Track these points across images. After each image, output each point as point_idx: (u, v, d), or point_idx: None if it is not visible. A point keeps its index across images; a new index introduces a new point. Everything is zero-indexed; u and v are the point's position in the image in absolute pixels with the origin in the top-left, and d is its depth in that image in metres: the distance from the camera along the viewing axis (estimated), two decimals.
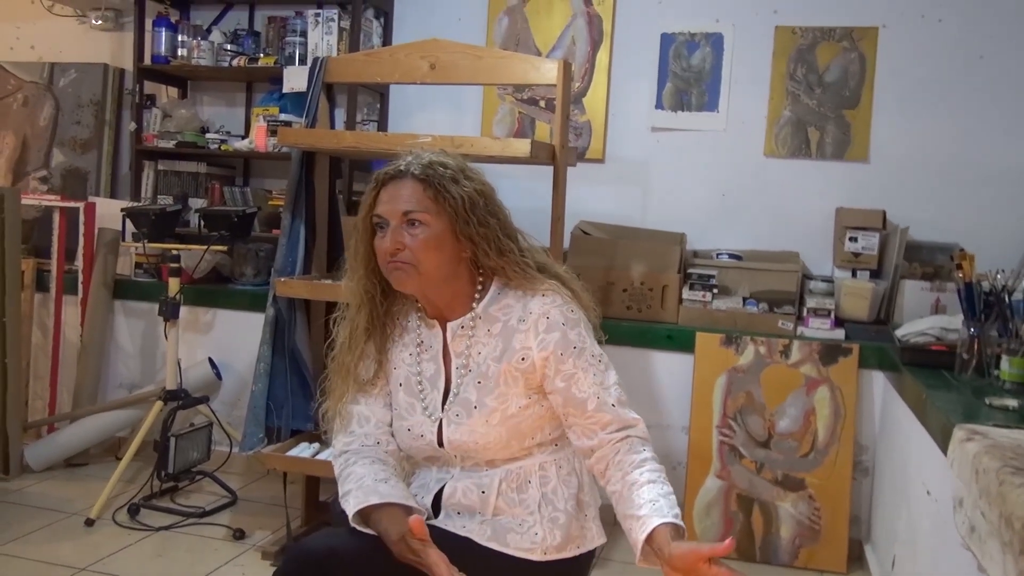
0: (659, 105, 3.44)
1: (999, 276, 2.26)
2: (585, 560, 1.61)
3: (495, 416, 1.53)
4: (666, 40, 3.42)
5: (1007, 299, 2.22)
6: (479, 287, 1.59)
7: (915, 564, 2.22)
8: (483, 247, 1.51)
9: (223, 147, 3.65)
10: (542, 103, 3.57)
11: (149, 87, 3.80)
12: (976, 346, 2.25)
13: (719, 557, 1.30)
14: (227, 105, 3.92)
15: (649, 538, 1.36)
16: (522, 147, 2.45)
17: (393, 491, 1.49)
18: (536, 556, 1.52)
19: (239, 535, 2.92)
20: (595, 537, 1.61)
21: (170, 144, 3.68)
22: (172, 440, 3.08)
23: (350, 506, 1.48)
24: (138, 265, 3.66)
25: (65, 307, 3.60)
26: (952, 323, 2.55)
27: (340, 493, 1.54)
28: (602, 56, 3.49)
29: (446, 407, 1.57)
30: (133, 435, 3.34)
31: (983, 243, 2.96)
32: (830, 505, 2.92)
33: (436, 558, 1.36)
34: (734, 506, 2.99)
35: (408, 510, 1.47)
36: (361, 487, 1.50)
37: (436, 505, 1.59)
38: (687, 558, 1.30)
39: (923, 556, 2.13)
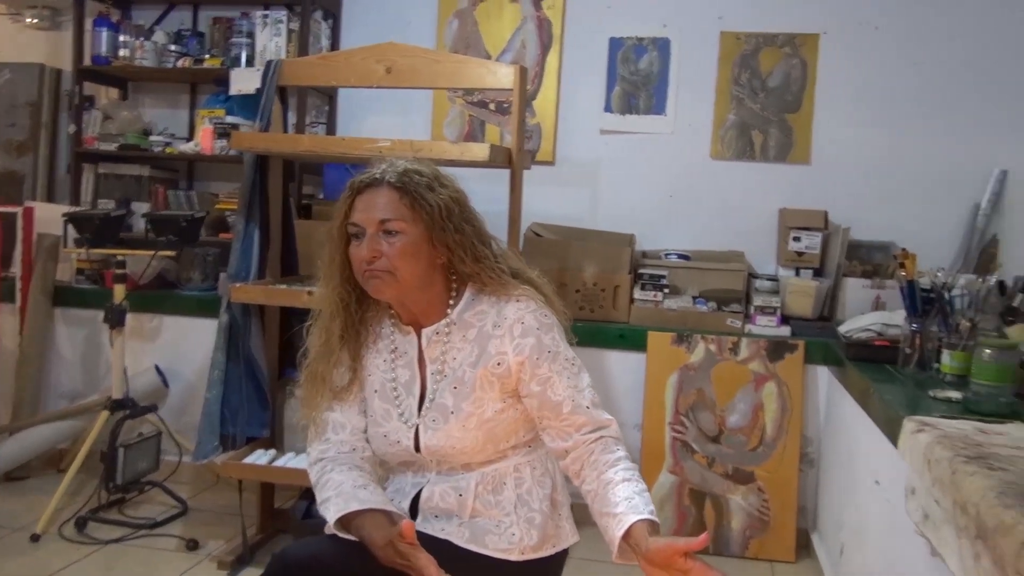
0: (608, 108, 3.50)
1: (939, 274, 2.37)
2: (560, 558, 1.64)
3: (471, 421, 1.55)
4: (614, 44, 3.48)
5: (947, 296, 2.33)
6: (453, 293, 1.60)
7: (864, 551, 2.31)
8: (459, 254, 1.53)
9: (167, 150, 3.58)
10: (492, 106, 3.59)
11: (88, 88, 3.69)
12: (918, 341, 2.35)
13: (695, 551, 1.34)
14: (170, 107, 3.85)
15: (626, 535, 1.39)
16: (481, 151, 2.47)
17: (373, 497, 1.50)
18: (514, 556, 1.55)
19: (192, 545, 2.88)
20: (569, 536, 1.65)
21: (112, 147, 3.59)
22: (120, 450, 3.01)
23: (330, 513, 1.48)
24: (79, 271, 3.56)
25: (2, 315, 3.48)
26: (892, 319, 2.65)
27: (318, 500, 1.54)
28: (552, 60, 3.53)
29: (422, 413, 1.58)
30: (76, 447, 3.25)
31: (919, 241, 3.09)
32: (778, 496, 3.01)
33: (425, 561, 1.37)
34: (687, 500, 3.06)
35: (389, 515, 1.48)
36: (340, 494, 1.50)
37: (412, 509, 1.60)
38: (664, 552, 1.34)
39: (873, 543, 2.22)
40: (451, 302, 1.59)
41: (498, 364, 1.54)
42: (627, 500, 1.43)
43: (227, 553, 2.80)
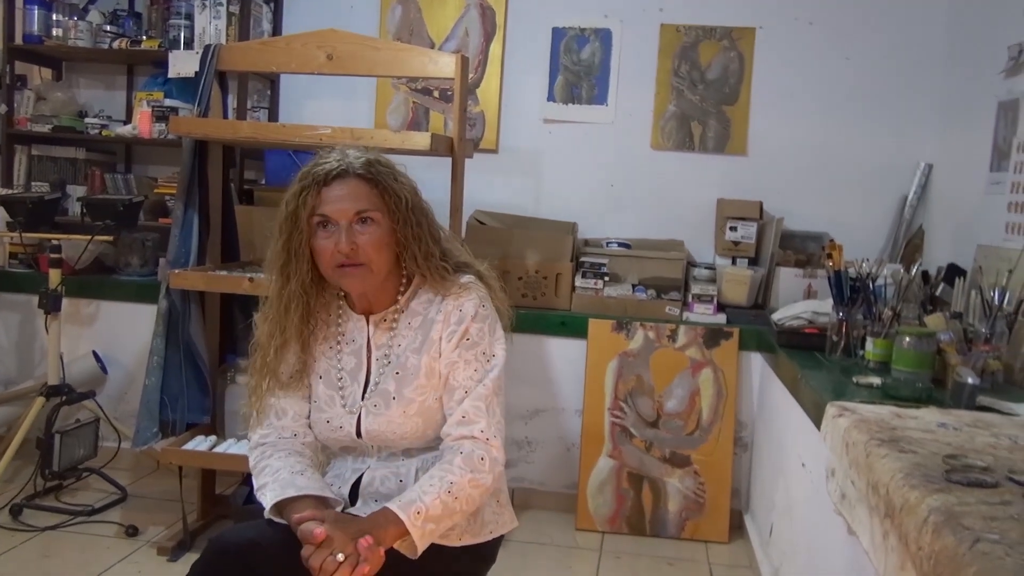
0: (551, 97, 3.54)
1: (864, 264, 2.46)
2: (496, 543, 1.68)
3: (412, 407, 1.57)
4: (557, 34, 3.52)
5: (871, 285, 2.42)
6: (403, 282, 1.63)
7: (792, 530, 2.40)
8: (413, 247, 1.55)
9: (104, 132, 3.51)
10: (435, 93, 3.60)
11: (20, 67, 3.60)
12: (844, 329, 2.44)
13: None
14: (106, 88, 3.77)
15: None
16: (422, 140, 2.49)
17: (310, 483, 1.52)
18: (452, 541, 1.58)
19: (132, 532, 2.86)
20: (507, 521, 1.69)
21: (45, 128, 3.51)
22: (57, 437, 2.97)
23: (267, 499, 1.50)
24: (12, 255, 3.49)
25: None
26: (822, 307, 2.74)
27: (256, 486, 1.56)
28: (495, 48, 3.54)
29: (365, 398, 1.60)
30: (11, 433, 3.19)
31: (850, 232, 3.21)
32: (713, 479, 3.10)
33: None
34: (625, 483, 3.14)
35: (324, 501, 1.50)
36: (278, 480, 1.52)
37: (352, 494, 1.63)
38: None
39: (799, 523, 2.31)
40: (401, 290, 1.62)
41: (439, 352, 1.57)
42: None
43: (167, 539, 2.80)
